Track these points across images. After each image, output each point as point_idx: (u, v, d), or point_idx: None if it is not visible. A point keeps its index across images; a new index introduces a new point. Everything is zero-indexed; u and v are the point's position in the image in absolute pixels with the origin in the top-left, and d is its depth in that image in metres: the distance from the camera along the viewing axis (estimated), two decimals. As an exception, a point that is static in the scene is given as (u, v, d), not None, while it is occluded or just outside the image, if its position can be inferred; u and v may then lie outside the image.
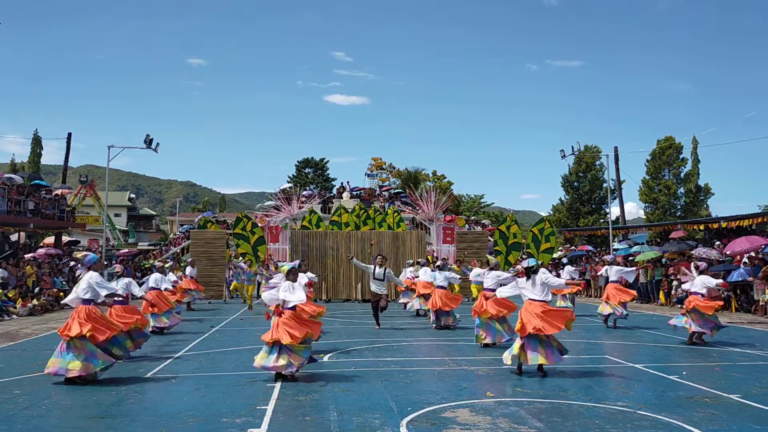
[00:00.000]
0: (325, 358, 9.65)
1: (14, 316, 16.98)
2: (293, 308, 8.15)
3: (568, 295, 15.43)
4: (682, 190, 44.03)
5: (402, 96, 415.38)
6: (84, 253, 14.70)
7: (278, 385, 7.60)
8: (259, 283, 18.50)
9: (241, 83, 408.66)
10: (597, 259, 27.30)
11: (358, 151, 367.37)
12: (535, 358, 8.10)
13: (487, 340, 10.72)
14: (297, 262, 10.21)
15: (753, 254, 18.97)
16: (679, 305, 20.22)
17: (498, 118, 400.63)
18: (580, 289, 17.28)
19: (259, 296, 18.59)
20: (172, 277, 15.59)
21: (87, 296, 8.17)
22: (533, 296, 8.48)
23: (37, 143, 50.17)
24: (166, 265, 16.03)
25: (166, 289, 13.51)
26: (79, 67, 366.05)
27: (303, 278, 10.44)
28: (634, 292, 15.69)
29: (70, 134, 38.89)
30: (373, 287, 13.82)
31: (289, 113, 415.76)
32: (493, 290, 10.57)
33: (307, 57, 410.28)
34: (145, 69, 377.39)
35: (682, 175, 44.23)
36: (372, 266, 13.86)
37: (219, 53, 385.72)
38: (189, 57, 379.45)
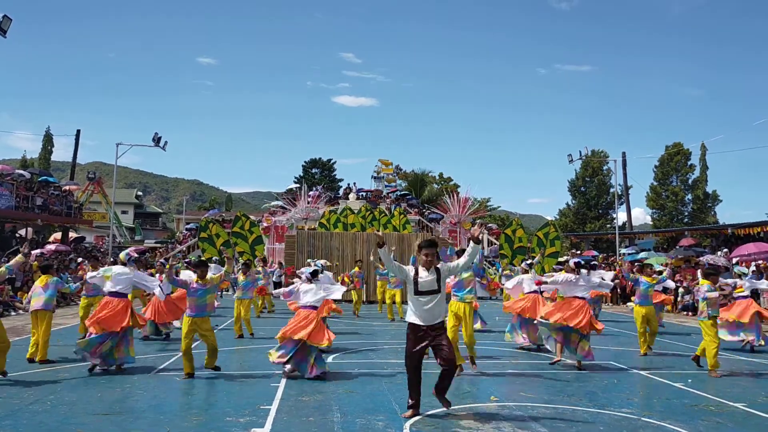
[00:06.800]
0: (330, 359, 9.64)
1: (20, 311, 17.08)
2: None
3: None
4: (689, 196, 43.85)
5: (411, 98, 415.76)
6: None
7: (282, 385, 7.61)
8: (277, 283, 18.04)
9: (250, 83, 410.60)
10: (603, 265, 27.10)
11: (365, 152, 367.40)
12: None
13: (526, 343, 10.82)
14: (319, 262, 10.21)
15: (761, 261, 18.82)
16: (685, 312, 20.15)
17: (506, 122, 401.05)
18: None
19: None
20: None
21: None
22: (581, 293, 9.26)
23: (48, 140, 50.53)
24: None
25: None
26: (90, 64, 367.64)
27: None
28: None
29: (79, 131, 39.15)
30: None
31: (298, 114, 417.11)
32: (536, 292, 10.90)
33: (316, 58, 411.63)
34: (155, 67, 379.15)
35: (690, 181, 44.06)
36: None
37: (229, 53, 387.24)
38: (199, 56, 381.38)
